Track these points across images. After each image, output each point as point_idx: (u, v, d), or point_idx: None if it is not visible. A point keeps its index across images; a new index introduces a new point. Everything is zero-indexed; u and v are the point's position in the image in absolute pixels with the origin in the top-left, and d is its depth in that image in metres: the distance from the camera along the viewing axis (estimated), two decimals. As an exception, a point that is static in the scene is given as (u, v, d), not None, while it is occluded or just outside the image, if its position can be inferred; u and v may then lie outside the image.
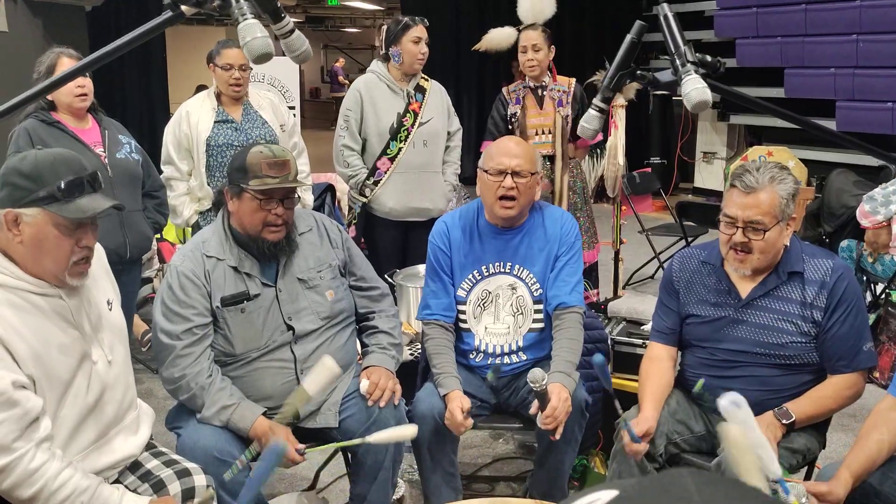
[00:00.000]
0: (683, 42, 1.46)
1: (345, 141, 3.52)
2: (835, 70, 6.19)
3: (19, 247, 1.66)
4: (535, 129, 3.69)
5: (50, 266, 1.68)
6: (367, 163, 3.53)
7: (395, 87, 3.50)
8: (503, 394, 2.44)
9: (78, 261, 1.70)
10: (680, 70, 1.44)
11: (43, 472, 1.60)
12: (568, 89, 3.70)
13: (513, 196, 2.31)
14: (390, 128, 3.48)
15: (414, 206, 3.55)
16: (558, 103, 3.67)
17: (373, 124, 3.49)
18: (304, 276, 2.22)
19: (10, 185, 1.66)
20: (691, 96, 1.40)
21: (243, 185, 2.10)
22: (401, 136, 3.48)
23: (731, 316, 2.11)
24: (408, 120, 3.49)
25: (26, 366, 1.61)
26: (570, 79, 3.75)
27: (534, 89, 3.69)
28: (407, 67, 3.48)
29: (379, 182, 3.50)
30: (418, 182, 3.53)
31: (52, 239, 1.66)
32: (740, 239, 2.01)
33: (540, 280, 2.40)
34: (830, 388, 2.05)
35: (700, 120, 8.10)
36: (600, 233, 4.10)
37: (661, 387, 2.16)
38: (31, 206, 1.64)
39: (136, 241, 3.04)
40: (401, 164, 3.50)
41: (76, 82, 2.87)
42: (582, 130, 1.62)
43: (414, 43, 3.43)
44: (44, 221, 1.65)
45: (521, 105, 3.70)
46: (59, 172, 1.66)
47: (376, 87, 3.51)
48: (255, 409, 2.07)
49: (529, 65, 3.62)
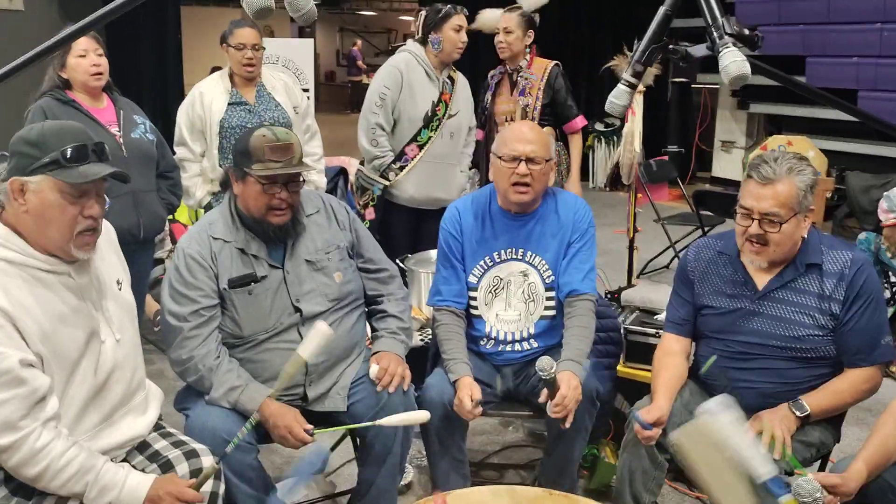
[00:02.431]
0: (722, 14, 1.41)
1: (378, 119, 3.47)
2: (857, 59, 6.09)
3: (26, 217, 1.65)
4: (504, 115, 3.66)
5: (55, 236, 1.67)
6: (395, 146, 3.51)
7: (433, 73, 3.49)
8: (513, 381, 2.42)
9: (83, 231, 1.69)
10: (717, 43, 1.39)
11: (48, 450, 1.60)
12: (540, 76, 3.62)
13: (527, 182, 2.28)
14: (425, 115, 3.47)
15: (431, 196, 3.54)
16: (521, 92, 3.62)
17: (408, 107, 3.46)
18: (312, 258, 2.20)
19: (17, 154, 1.66)
20: (729, 69, 1.35)
21: (246, 169, 2.08)
22: (433, 125, 3.48)
23: (747, 308, 2.07)
24: (440, 109, 3.49)
25: (34, 344, 1.61)
26: (548, 62, 3.66)
27: (509, 74, 3.67)
28: (446, 56, 3.46)
29: (405, 168, 3.49)
30: (440, 172, 3.53)
31: (56, 207, 1.65)
32: (756, 231, 1.97)
33: (552, 267, 2.37)
34: (847, 381, 2.02)
35: (719, 108, 8.00)
36: (614, 220, 4.06)
37: (674, 378, 2.13)
38: (36, 174, 1.64)
39: (149, 222, 3.04)
40: (428, 153, 3.50)
41: (91, 61, 2.86)
42: (610, 106, 1.56)
43: (455, 31, 3.42)
44: (48, 188, 1.64)
45: (492, 91, 3.70)
46: (64, 140, 1.66)
47: (415, 69, 3.48)
48: (262, 390, 2.06)
49: (500, 47, 3.61)
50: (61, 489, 1.64)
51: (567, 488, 2.26)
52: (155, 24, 7.50)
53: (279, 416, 2.03)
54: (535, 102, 3.62)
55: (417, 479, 2.77)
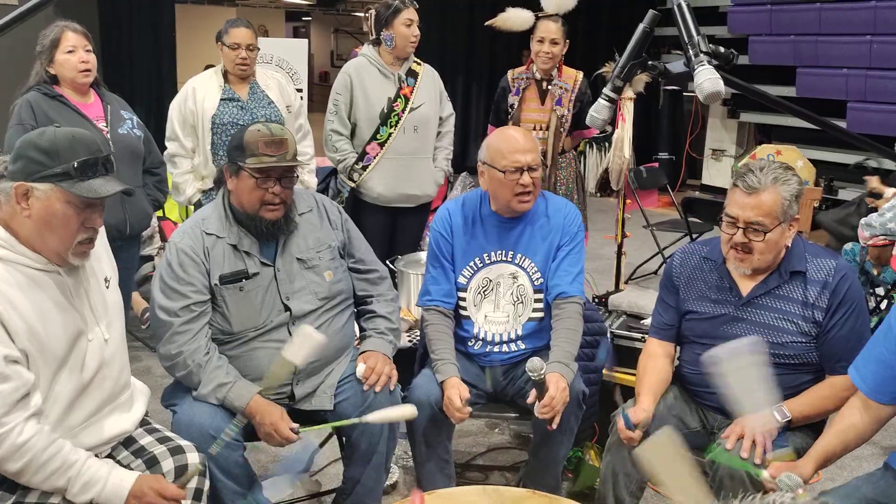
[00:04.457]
0: (697, 33, 1.45)
1: (333, 126, 3.50)
2: (847, 70, 6.15)
3: (26, 221, 1.66)
4: (534, 123, 3.65)
5: (54, 243, 1.68)
6: (357, 147, 3.50)
7: (387, 71, 3.47)
8: (500, 383, 2.44)
9: (83, 241, 1.70)
10: (693, 60, 1.42)
11: (31, 445, 1.61)
12: (572, 86, 3.65)
13: (530, 190, 2.30)
14: (381, 112, 3.45)
15: (402, 192, 3.53)
16: (557, 101, 3.63)
17: (363, 109, 3.46)
18: (303, 256, 2.21)
19: (24, 159, 1.65)
20: (704, 87, 1.39)
21: (241, 163, 2.10)
22: (391, 121, 3.45)
23: (731, 313, 2.10)
24: (399, 105, 3.46)
25: (20, 340, 1.61)
26: (577, 72, 3.70)
27: (538, 81, 3.65)
28: (399, 51, 3.44)
29: (367, 167, 3.48)
30: (407, 168, 3.51)
31: (60, 216, 1.65)
32: (741, 239, 1.99)
33: (541, 269, 2.39)
34: (829, 388, 2.04)
35: (710, 117, 8.06)
36: (604, 226, 4.09)
37: (658, 381, 2.16)
38: (43, 182, 1.64)
39: (136, 218, 3.04)
40: (390, 150, 3.47)
41: (80, 57, 2.86)
42: (591, 120, 1.61)
43: (406, 26, 3.39)
44: (55, 198, 1.65)
45: (519, 96, 3.66)
46: (76, 151, 1.66)
47: (367, 71, 3.48)
48: (250, 387, 2.07)
49: (545, 57, 3.57)
50: (43, 483, 1.65)
51: (551, 490, 2.27)
52: (150, 22, 7.50)
53: (266, 414, 2.04)
54: (568, 114, 3.64)
55: (403, 480, 2.78)
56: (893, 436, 3.12)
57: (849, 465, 2.90)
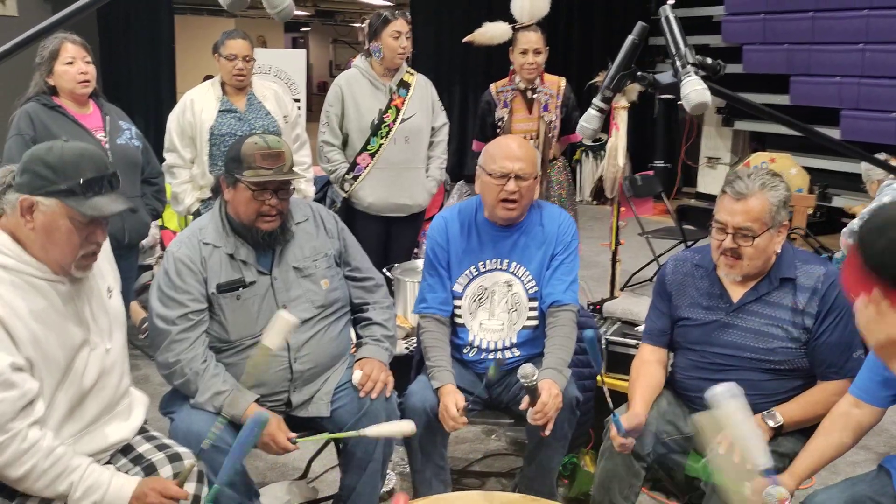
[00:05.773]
0: (685, 44, 1.47)
1: (325, 137, 3.55)
2: (840, 78, 6.19)
3: (30, 233, 1.68)
4: (524, 133, 3.65)
5: (57, 256, 1.70)
6: (349, 158, 3.54)
7: (378, 82, 3.50)
8: (495, 389, 2.46)
9: (86, 255, 1.73)
10: (680, 71, 1.45)
11: (34, 451, 1.62)
12: (556, 92, 3.67)
13: (515, 199, 2.33)
14: (371, 123, 3.48)
15: (393, 202, 3.57)
16: (543, 107, 3.65)
17: (354, 120, 3.50)
18: (300, 265, 2.24)
19: (31, 173, 1.67)
20: (690, 97, 1.41)
21: (237, 175, 2.12)
22: (382, 132, 3.48)
23: (722, 320, 2.12)
24: (389, 116, 3.49)
25: (25, 348, 1.63)
26: (560, 79, 3.71)
27: (523, 91, 3.66)
28: (388, 62, 3.47)
29: (358, 177, 3.52)
30: (398, 178, 3.54)
31: (63, 231, 1.67)
32: (730, 245, 2.02)
33: (536, 277, 2.41)
34: (819, 393, 2.06)
35: (705, 125, 8.09)
36: (599, 234, 4.12)
37: (651, 386, 2.18)
38: (49, 197, 1.66)
39: (134, 227, 3.06)
40: (381, 160, 3.50)
41: (79, 69, 2.89)
42: (581, 130, 1.63)
43: (394, 38, 3.41)
44: (59, 213, 1.67)
45: (508, 108, 3.67)
46: (83, 168, 1.67)
47: (358, 82, 3.51)
48: (248, 395, 2.09)
49: (529, 68, 3.58)
50: (46, 489, 1.66)
51: (546, 496, 2.29)
52: (149, 33, 7.52)
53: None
54: (556, 119, 3.66)
55: (399, 486, 2.79)
56: (888, 441, 3.15)
57: (843, 471, 2.92)
